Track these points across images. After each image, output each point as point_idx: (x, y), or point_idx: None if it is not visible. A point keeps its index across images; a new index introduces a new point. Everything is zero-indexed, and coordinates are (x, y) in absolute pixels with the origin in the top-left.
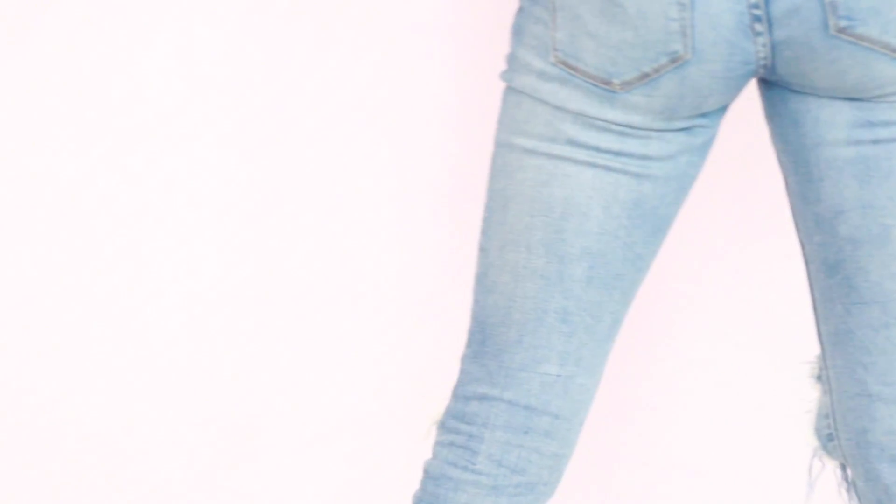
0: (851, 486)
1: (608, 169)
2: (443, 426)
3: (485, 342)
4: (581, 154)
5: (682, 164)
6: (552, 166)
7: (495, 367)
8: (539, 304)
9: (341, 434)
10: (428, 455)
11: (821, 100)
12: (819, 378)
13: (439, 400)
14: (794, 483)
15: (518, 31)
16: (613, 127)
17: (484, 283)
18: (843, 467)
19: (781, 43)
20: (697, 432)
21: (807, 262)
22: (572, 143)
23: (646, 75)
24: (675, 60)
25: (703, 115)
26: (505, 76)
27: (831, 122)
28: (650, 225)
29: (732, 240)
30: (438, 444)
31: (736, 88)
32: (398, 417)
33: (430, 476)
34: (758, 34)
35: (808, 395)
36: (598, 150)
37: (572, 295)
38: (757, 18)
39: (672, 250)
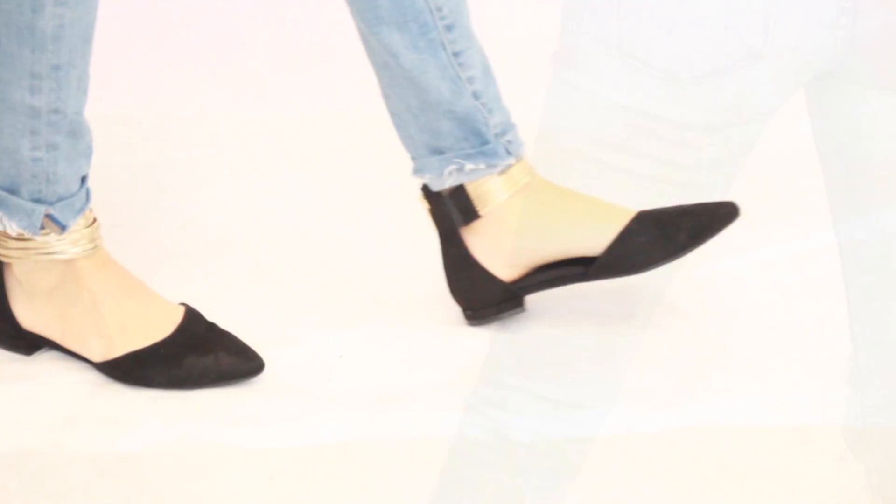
0: None
1: (653, 178)
2: None
3: None
4: (626, 161)
5: (729, 170)
6: (597, 171)
7: None
8: None
9: None
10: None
11: (883, 90)
12: None
13: None
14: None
15: (576, 17)
16: (668, 133)
17: None
18: None
19: (861, 36)
20: (756, 432)
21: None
22: (619, 148)
23: (718, 70)
24: (752, 55)
25: (763, 113)
26: (556, 63)
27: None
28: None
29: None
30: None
31: (801, 83)
32: None
33: None
34: (840, 28)
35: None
36: (646, 157)
37: None
38: (844, 11)
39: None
